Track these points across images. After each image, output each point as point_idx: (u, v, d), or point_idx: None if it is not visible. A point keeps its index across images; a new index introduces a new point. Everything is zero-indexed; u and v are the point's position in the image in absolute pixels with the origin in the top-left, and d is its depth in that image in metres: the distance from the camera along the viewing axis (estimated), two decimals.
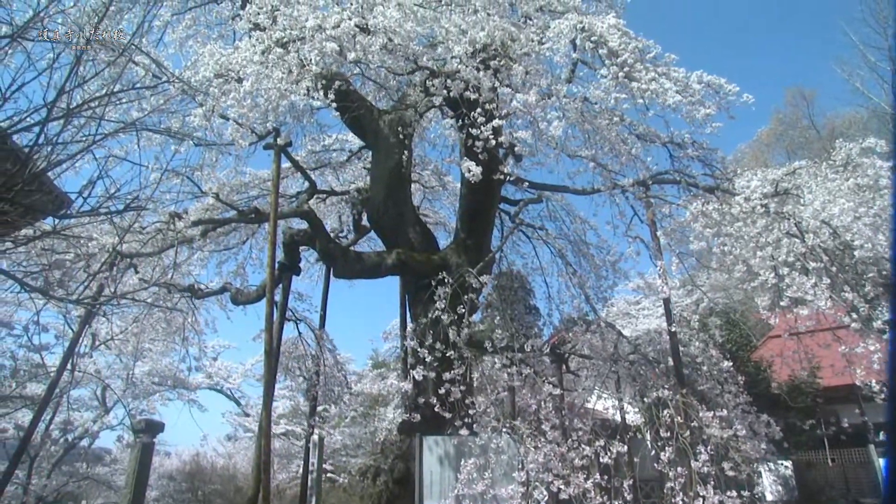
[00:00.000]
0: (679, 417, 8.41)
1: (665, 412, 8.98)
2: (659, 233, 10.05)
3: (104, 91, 4.72)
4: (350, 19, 7.32)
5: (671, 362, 10.65)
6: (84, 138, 4.26)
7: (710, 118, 7.80)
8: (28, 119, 3.84)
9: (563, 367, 11.57)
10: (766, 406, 12.84)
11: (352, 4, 7.73)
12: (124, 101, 7.00)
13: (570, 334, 11.78)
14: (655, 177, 9.50)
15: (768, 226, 8.07)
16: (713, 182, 9.15)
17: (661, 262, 9.95)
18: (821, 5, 62.71)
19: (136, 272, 10.67)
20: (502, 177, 8.38)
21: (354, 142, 13.44)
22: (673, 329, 10.39)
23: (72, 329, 11.27)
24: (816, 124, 36.24)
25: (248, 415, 23.53)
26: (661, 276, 10.06)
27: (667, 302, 10.88)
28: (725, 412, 9.12)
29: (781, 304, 7.96)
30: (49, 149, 3.88)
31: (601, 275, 12.87)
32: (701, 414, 8.39)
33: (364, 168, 13.75)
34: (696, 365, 11.35)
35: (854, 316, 7.34)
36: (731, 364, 11.34)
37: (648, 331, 14.18)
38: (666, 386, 9.55)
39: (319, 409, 13.06)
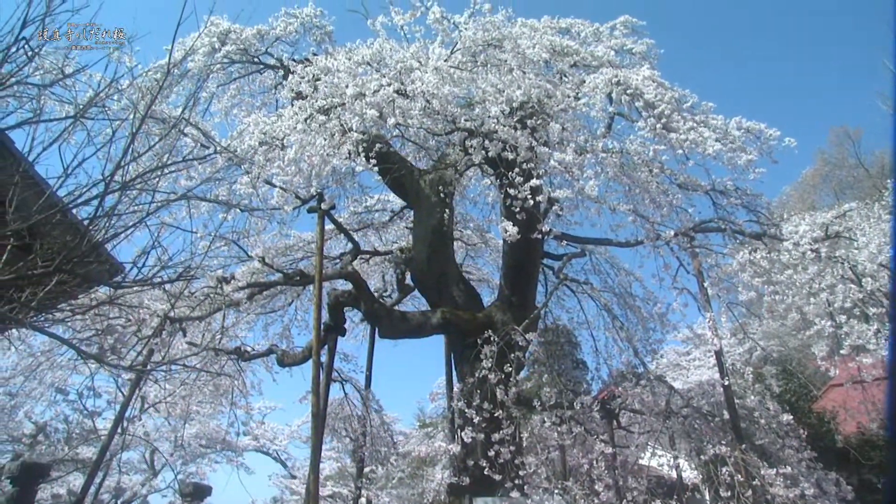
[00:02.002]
0: (739, 475, 8.05)
1: (724, 469, 8.62)
2: (706, 283, 9.82)
3: (156, 163, 4.92)
4: (389, 85, 7.52)
5: (727, 415, 10.25)
6: (137, 208, 4.42)
7: (752, 164, 7.68)
8: (87, 193, 4.01)
9: (615, 423, 11.26)
10: (834, 462, 12.13)
11: (390, 71, 7.96)
12: (174, 171, 7.27)
13: (620, 389, 11.48)
14: (699, 226, 9.34)
15: (821, 271, 7.81)
16: (759, 228, 8.94)
17: (710, 314, 9.68)
18: (857, 41, 62.21)
19: (185, 335, 10.87)
20: (541, 236, 8.36)
21: (396, 202, 13.63)
22: (726, 382, 10.03)
23: (122, 393, 11.47)
24: (864, 163, 35.28)
25: (294, 477, 23.37)
26: (710, 329, 9.78)
27: (718, 354, 10.55)
28: (789, 469, 8.67)
29: (841, 352, 7.64)
30: (106, 221, 4.03)
31: (649, 327, 12.58)
32: (763, 471, 8.00)
33: (406, 227, 13.89)
34: (753, 418, 10.86)
35: None
36: (790, 416, 10.83)
37: (701, 383, 13.74)
38: (723, 441, 9.18)
39: (366, 470, 12.92)
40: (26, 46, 3.84)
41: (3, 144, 4.10)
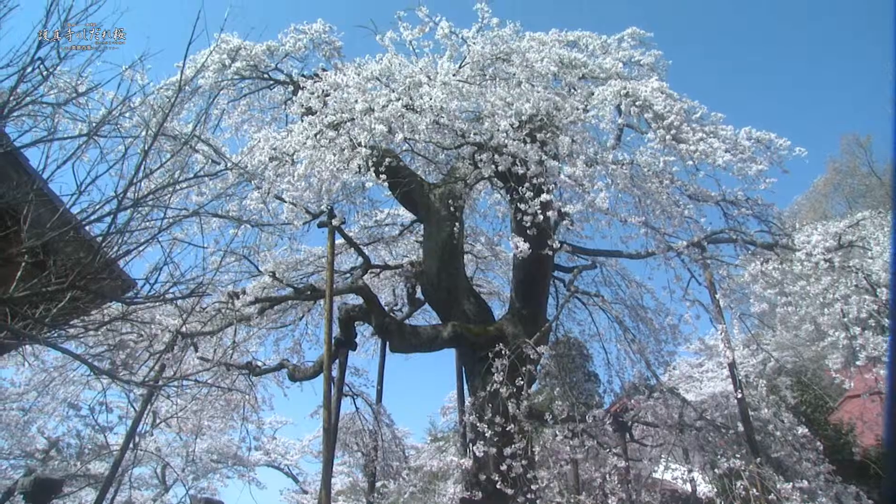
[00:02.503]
0: (755, 489, 7.95)
1: (739, 483, 8.53)
2: (718, 294, 9.75)
3: (168, 179, 4.96)
4: (398, 100, 7.56)
5: (741, 428, 10.13)
6: (150, 224, 4.45)
7: (762, 174, 7.66)
8: (100, 210, 4.04)
9: (628, 436, 11.17)
10: (853, 475, 11.94)
11: (399, 86, 8.00)
12: (186, 187, 7.32)
13: (633, 401, 11.39)
14: (710, 237, 9.28)
15: (834, 282, 7.74)
16: (771, 239, 8.87)
17: (723, 326, 9.60)
18: (867, 47, 61.96)
19: (196, 351, 10.90)
20: (551, 251, 8.34)
21: (406, 216, 13.66)
22: (740, 395, 9.92)
23: (134, 408, 11.51)
24: (877, 171, 34.95)
25: (305, 492, 23.28)
26: (723, 341, 9.69)
27: (732, 366, 10.45)
28: (807, 483, 8.55)
29: (857, 363, 7.54)
30: (119, 237, 4.06)
31: (661, 339, 12.48)
32: (779, 485, 7.90)
33: (416, 241, 13.91)
34: (768, 430, 10.73)
35: None
36: (806, 429, 10.67)
37: (714, 395, 13.61)
38: (738, 454, 9.08)
39: (378, 484, 12.87)
40: (41, 66, 3.89)
41: (18, 162, 4.15)
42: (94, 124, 4.47)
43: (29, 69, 3.81)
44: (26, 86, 3.91)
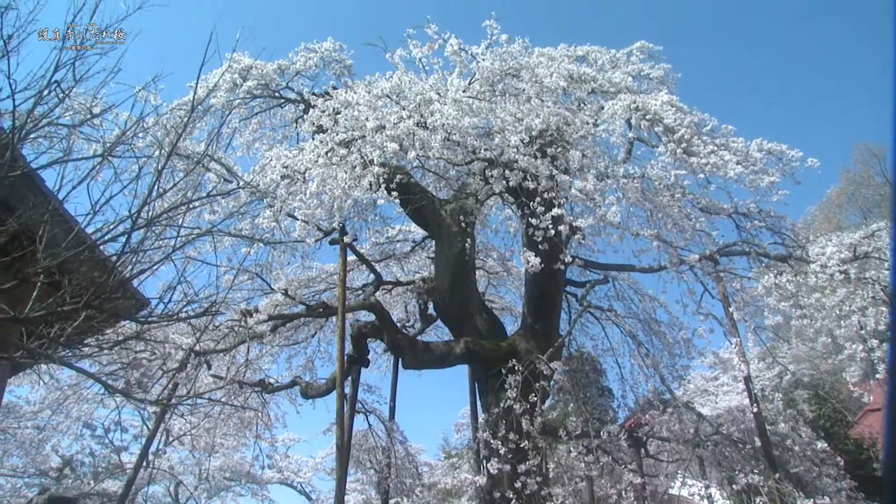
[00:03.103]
0: None
1: (758, 499, 8.39)
2: (731, 308, 9.66)
3: (181, 198, 5.00)
4: (409, 117, 7.59)
5: (758, 443, 9.99)
6: (163, 243, 4.48)
7: (774, 186, 7.62)
8: (114, 229, 4.08)
9: (643, 451, 11.04)
10: (876, 491, 11.70)
11: (410, 103, 8.04)
12: (199, 206, 7.37)
13: (647, 416, 11.27)
14: (723, 250, 9.21)
15: (851, 294, 7.65)
16: (784, 251, 8.80)
17: (737, 340, 9.51)
18: (879, 56, 61.62)
19: (209, 368, 10.93)
20: (563, 266, 8.29)
21: (417, 232, 13.67)
22: (755, 409, 9.80)
23: (148, 427, 11.55)
24: (891, 180, 34.57)
25: None
26: (738, 355, 9.59)
27: (747, 380, 10.34)
28: (828, 499, 8.40)
29: (876, 376, 7.43)
30: (133, 257, 4.09)
31: (675, 353, 12.38)
32: (799, 502, 7.77)
33: (428, 258, 13.91)
34: (786, 445, 10.56)
35: None
36: (826, 444, 10.49)
37: (730, 409, 13.43)
38: (756, 470, 8.95)
39: (391, 502, 12.80)
40: (58, 89, 3.95)
41: (34, 184, 4.20)
42: (108, 145, 4.53)
43: (46, 92, 3.87)
44: (43, 108, 3.97)
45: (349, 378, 10.16)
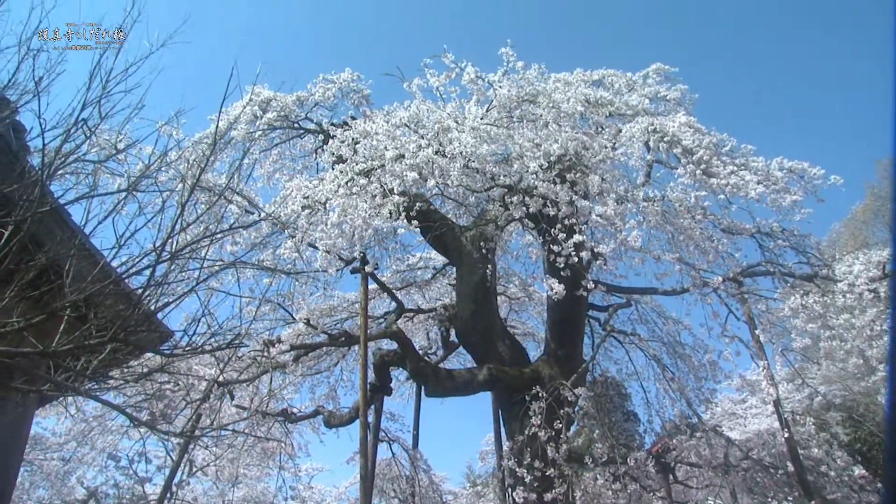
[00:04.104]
0: None
1: None
2: (757, 330, 9.50)
3: (204, 231, 5.05)
4: (428, 146, 7.65)
5: (791, 468, 9.74)
6: (187, 276, 4.52)
7: (797, 204, 7.53)
8: (139, 263, 4.13)
9: (671, 477, 10.81)
10: None
11: (428, 132, 8.10)
12: (221, 237, 7.45)
13: (674, 441, 11.05)
14: (747, 270, 9.09)
15: (881, 313, 7.48)
16: (810, 270, 8.65)
17: (764, 362, 9.32)
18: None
19: (232, 399, 10.94)
20: (585, 292, 8.22)
21: (438, 259, 13.69)
22: (786, 434, 9.56)
23: (172, 458, 11.55)
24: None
25: None
26: (765, 377, 9.40)
27: (777, 404, 10.11)
28: None
29: None
30: (157, 290, 4.13)
31: (700, 376, 12.17)
32: None
33: (449, 284, 13.91)
34: (820, 471, 10.27)
35: None
36: (864, 469, 10.19)
37: (760, 432, 13.14)
38: (790, 497, 8.72)
39: None
40: (84, 126, 4.04)
41: (62, 219, 4.27)
42: (132, 179, 4.60)
43: (73, 129, 3.96)
44: (70, 145, 4.05)
45: (372, 407, 10.12)
